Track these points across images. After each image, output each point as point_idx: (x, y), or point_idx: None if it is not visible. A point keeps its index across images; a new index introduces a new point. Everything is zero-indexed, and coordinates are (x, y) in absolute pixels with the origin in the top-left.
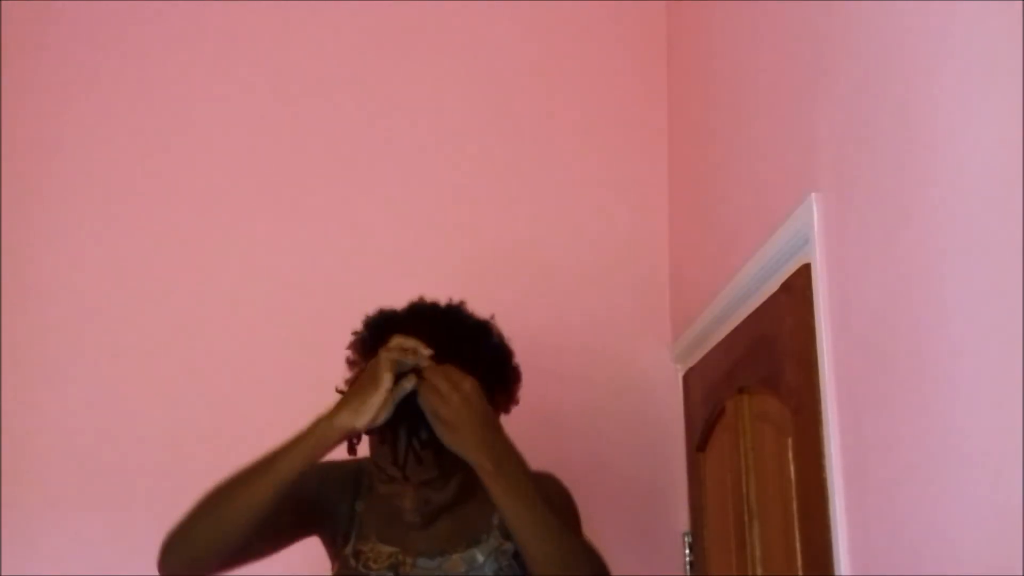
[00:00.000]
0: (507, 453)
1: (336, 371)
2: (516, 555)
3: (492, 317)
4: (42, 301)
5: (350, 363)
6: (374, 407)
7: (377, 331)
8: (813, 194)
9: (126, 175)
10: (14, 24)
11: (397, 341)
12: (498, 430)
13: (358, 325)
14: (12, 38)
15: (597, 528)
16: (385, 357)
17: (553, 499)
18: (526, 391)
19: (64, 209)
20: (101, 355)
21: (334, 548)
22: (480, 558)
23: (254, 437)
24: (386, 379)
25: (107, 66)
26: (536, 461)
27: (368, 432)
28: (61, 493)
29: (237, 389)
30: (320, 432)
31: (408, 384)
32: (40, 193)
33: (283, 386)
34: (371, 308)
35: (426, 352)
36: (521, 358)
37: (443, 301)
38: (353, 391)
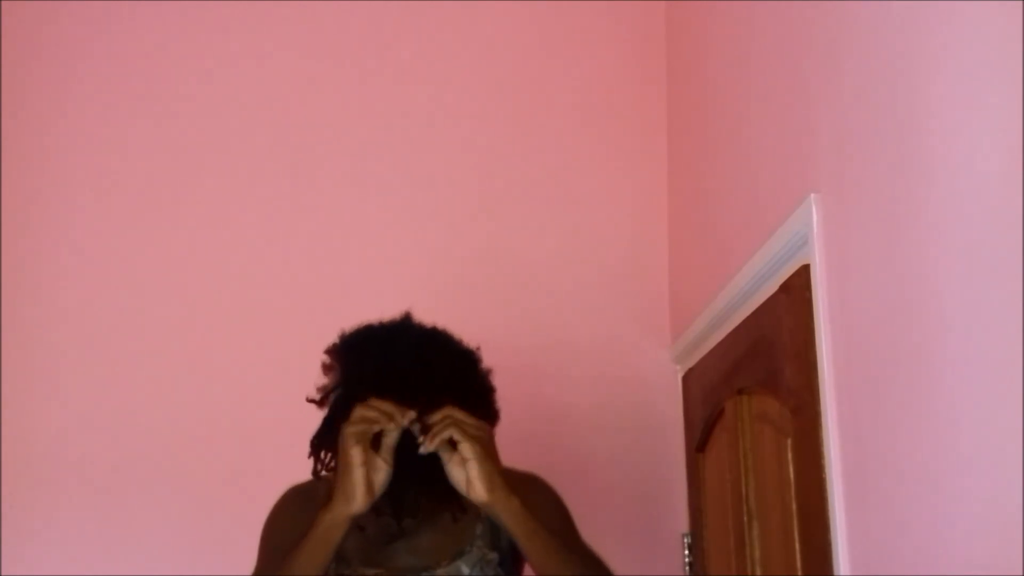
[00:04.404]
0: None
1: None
2: (501, 564)
3: (478, 348)
4: (42, 302)
5: (325, 368)
6: (359, 487)
7: (358, 349)
8: (812, 194)
9: (125, 177)
10: (14, 24)
11: (359, 413)
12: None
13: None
14: (12, 38)
15: (597, 529)
16: (348, 434)
17: (546, 504)
18: (527, 391)
19: (63, 211)
20: (101, 356)
21: None
22: (466, 570)
23: (253, 438)
24: (355, 455)
25: (107, 67)
26: (535, 462)
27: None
28: (61, 493)
29: (236, 390)
30: (325, 527)
31: (392, 437)
32: (40, 194)
33: (282, 389)
34: (369, 311)
35: (404, 420)
36: (521, 359)
37: (428, 324)
38: (338, 476)
